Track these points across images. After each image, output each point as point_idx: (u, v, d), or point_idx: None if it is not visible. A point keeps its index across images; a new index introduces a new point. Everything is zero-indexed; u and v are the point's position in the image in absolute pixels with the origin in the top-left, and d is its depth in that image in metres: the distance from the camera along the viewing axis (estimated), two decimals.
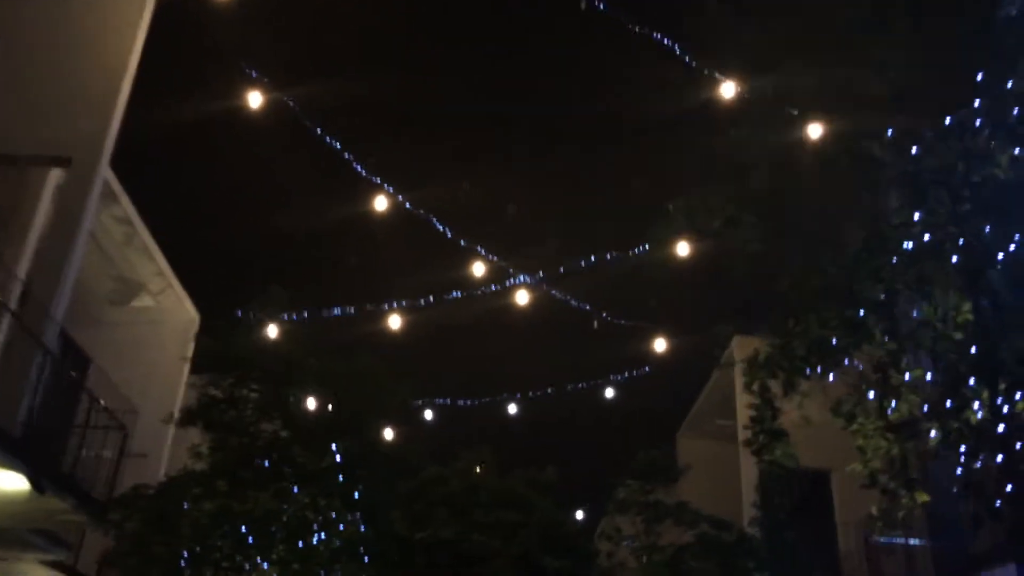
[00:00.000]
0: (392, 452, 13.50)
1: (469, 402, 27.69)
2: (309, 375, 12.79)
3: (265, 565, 11.58)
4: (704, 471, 23.98)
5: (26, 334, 13.11)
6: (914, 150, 7.14)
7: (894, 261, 7.21)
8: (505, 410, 27.86)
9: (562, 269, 22.27)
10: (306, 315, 20.31)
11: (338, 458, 12.81)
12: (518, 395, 27.79)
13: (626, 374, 26.70)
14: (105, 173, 15.50)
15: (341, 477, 12.65)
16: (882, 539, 17.16)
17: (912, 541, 16.39)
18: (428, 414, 27.52)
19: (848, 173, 7.44)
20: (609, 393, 26.87)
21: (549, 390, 27.31)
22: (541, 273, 22.29)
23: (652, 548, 15.43)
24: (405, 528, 21.42)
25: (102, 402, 13.78)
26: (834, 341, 8.28)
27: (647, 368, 26.36)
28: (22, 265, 15.15)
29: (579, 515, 24.46)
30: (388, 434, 18.94)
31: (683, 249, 15.52)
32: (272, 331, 13.67)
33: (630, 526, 16.25)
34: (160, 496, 11.93)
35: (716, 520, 16.06)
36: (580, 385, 27.07)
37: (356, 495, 12.74)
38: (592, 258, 21.67)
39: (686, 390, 29.18)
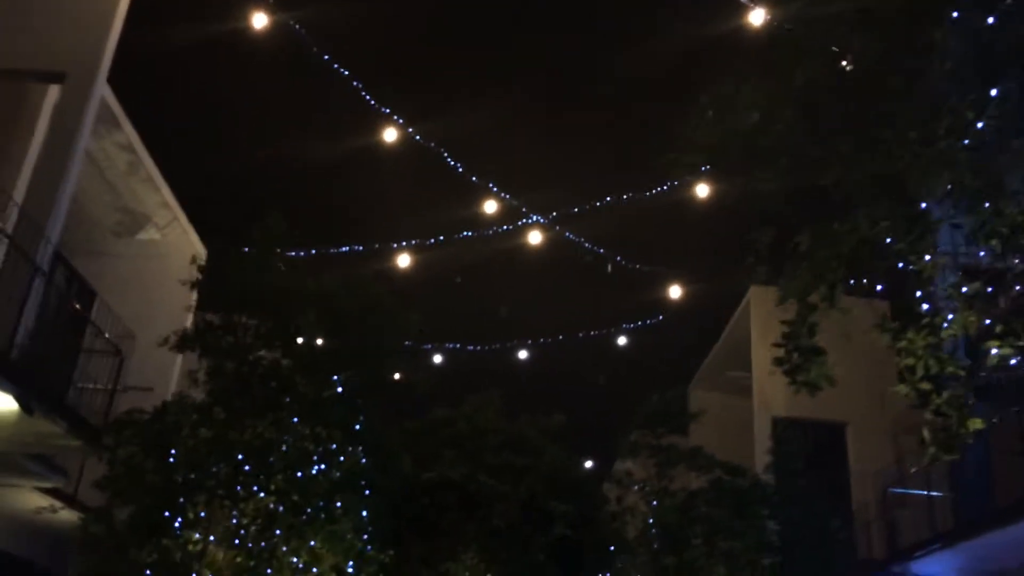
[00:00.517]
0: (398, 385, 12.89)
1: (479, 347, 27.11)
2: (311, 299, 12.17)
3: (262, 495, 11.09)
4: (715, 425, 23.37)
5: (20, 255, 12.55)
6: (989, 20, 6.31)
7: (962, 147, 6.40)
8: (515, 356, 27.26)
9: (576, 209, 21.48)
10: (313, 252, 19.70)
11: (340, 389, 12.24)
12: (528, 341, 27.14)
13: (639, 322, 26.03)
14: (103, 90, 14.79)
15: (343, 408, 12.08)
16: (900, 490, 16.59)
17: (932, 493, 15.82)
18: (437, 358, 27.00)
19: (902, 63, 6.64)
20: (621, 341, 26.16)
21: (560, 337, 26.68)
22: (554, 213, 21.54)
23: (664, 492, 14.88)
24: (411, 468, 21.03)
25: (99, 326, 13.27)
26: (888, 240, 7.51)
27: (660, 316, 25.65)
28: (18, 186, 14.60)
29: (587, 464, 24.01)
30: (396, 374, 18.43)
31: (702, 190, 14.77)
32: (275, 264, 13.06)
33: (641, 471, 15.70)
34: (155, 421, 11.43)
35: (730, 466, 15.51)
36: (592, 333, 26.42)
37: (358, 427, 12.20)
38: (608, 198, 20.82)
39: (699, 341, 28.50)
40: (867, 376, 23.26)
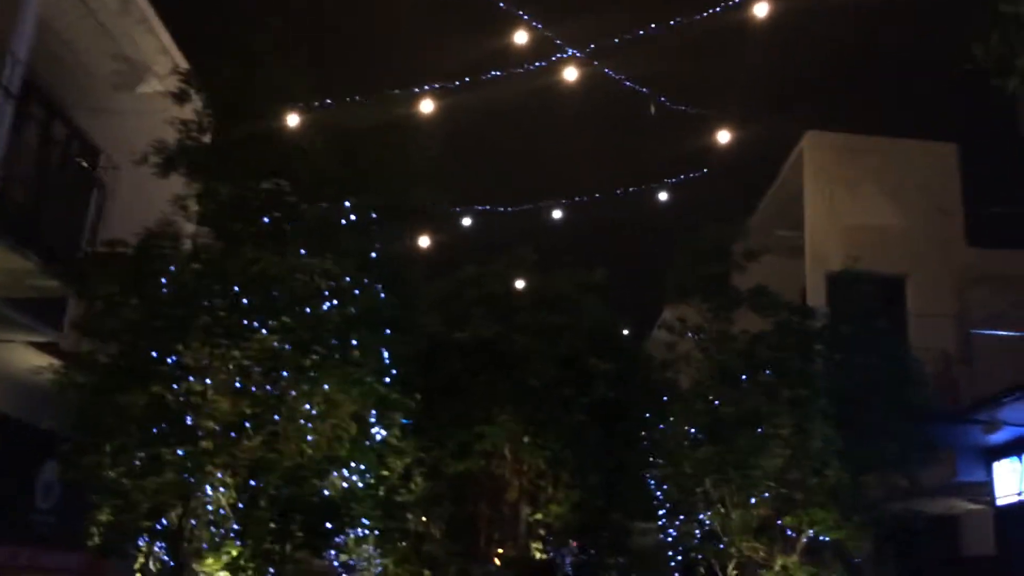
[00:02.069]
0: (416, 207, 10.89)
1: (509, 209, 24.83)
2: (316, 119, 10.10)
3: (264, 332, 9.31)
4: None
5: None
6: None
7: None
8: (549, 216, 24.85)
9: (616, 40, 18.85)
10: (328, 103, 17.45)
11: (353, 217, 10.27)
12: (563, 201, 24.66)
13: (681, 176, 23.59)
14: None
15: (355, 236, 10.14)
16: (985, 331, 14.58)
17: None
18: (466, 221, 24.73)
19: None
20: (663, 196, 23.75)
21: (597, 195, 24.39)
22: (591, 46, 18.94)
23: (723, 336, 12.97)
24: (441, 327, 19.39)
25: (76, 156, 11.37)
26: None
27: (705, 169, 23.17)
28: None
29: (627, 330, 22.04)
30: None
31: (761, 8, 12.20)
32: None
33: (695, 316, 13.74)
34: (139, 254, 9.58)
35: (798, 307, 13.49)
36: (631, 189, 24.03)
37: (374, 255, 10.28)
38: (652, 25, 18.18)
39: (745, 196, 26.15)
40: (927, 226, 20.91)
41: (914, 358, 13.53)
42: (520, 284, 19.32)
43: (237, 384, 9.39)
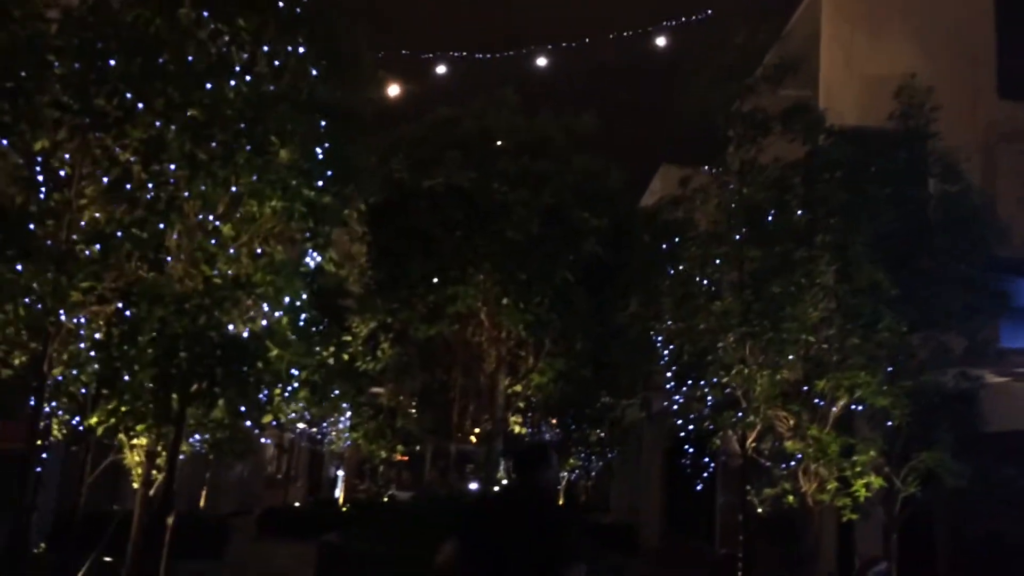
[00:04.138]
0: None
1: (490, 55, 21.42)
2: None
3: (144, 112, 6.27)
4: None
5: None
6: None
7: None
8: (534, 63, 21.37)
9: None
10: None
11: None
12: (549, 47, 21.12)
13: (682, 19, 20.19)
14: None
15: None
16: None
17: None
18: (440, 69, 21.21)
19: None
20: (660, 42, 20.30)
21: (587, 40, 20.98)
22: None
23: (750, 166, 10.07)
24: (407, 174, 16.43)
25: None
26: None
27: (709, 11, 19.79)
28: None
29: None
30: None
31: None
32: None
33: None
34: None
35: (843, 130, 10.64)
36: (625, 33, 20.64)
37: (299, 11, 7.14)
38: None
39: (751, 48, 22.84)
40: (954, 73, 17.93)
41: (977, 194, 10.78)
42: (500, 126, 16.26)
43: (104, 178, 6.47)
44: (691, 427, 11.02)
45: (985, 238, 10.31)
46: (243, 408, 6.66)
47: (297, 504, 22.76)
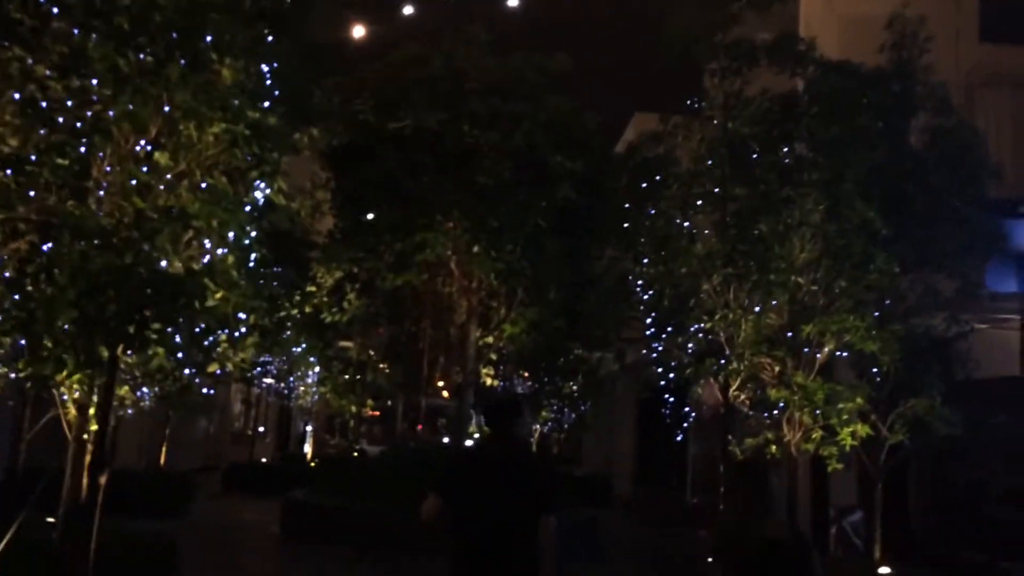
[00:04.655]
0: None
1: None
2: None
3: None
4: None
5: None
6: None
7: None
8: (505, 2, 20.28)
9: None
10: None
11: None
12: None
13: None
14: None
15: None
16: None
17: None
18: (407, 9, 20.03)
19: None
20: None
21: None
22: None
23: (735, 98, 9.25)
24: (372, 115, 15.49)
25: None
26: None
27: None
28: None
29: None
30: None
31: None
32: None
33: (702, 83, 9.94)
34: None
35: (834, 63, 9.82)
36: None
37: None
38: None
39: None
40: (936, 15, 17.28)
41: (969, 131, 10.16)
42: (470, 64, 15.32)
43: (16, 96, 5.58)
44: (671, 375, 10.43)
45: (979, 175, 9.74)
46: (181, 355, 5.89)
47: (264, 460, 22.10)
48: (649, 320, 10.75)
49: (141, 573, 7.90)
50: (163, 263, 5.59)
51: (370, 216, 15.02)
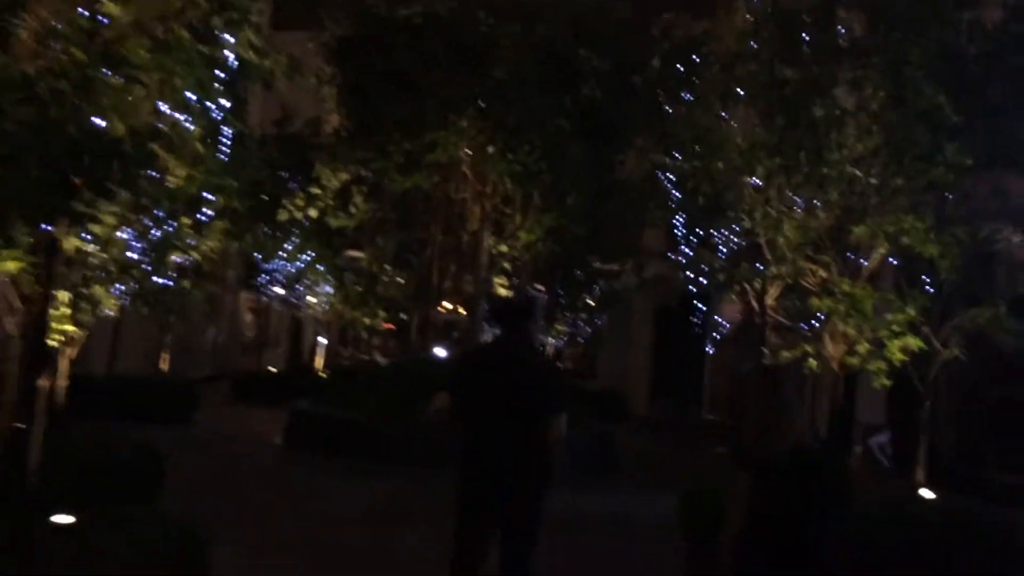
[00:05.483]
0: None
1: None
2: None
3: None
4: None
5: None
6: None
7: None
8: None
9: None
10: None
11: None
12: None
13: None
14: None
15: None
16: None
17: None
18: None
19: None
20: None
21: None
22: None
23: None
24: (382, 2, 14.03)
25: None
26: None
27: None
28: None
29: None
30: None
31: None
32: None
33: None
34: None
35: None
36: None
37: None
38: None
39: None
40: None
41: None
42: None
43: None
44: (703, 280, 9.31)
45: None
46: (126, 234, 4.83)
47: (273, 370, 21.41)
48: (679, 223, 9.57)
49: (121, 485, 7.09)
50: (102, 124, 4.46)
51: (378, 113, 13.74)
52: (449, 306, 22.17)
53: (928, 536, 4.99)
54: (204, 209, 5.67)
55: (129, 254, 5.92)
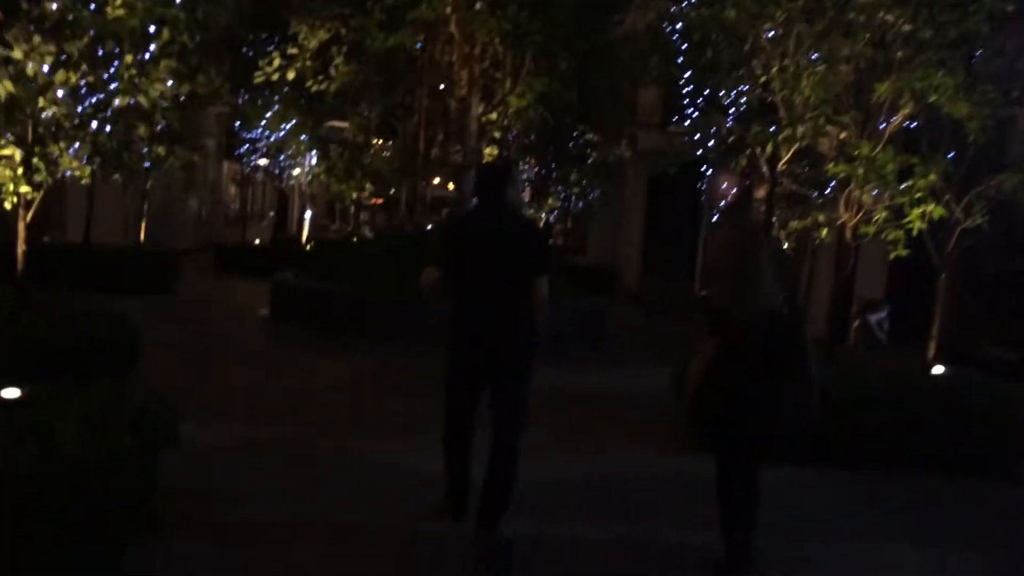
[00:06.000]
0: None
1: None
2: None
3: None
4: None
5: None
6: None
7: None
8: None
9: None
10: None
11: None
12: None
13: None
14: None
15: None
16: None
17: None
18: None
19: None
20: None
21: None
22: None
23: None
24: None
25: None
26: None
27: None
28: None
29: None
30: None
31: None
32: None
33: None
34: None
35: None
36: None
37: None
38: None
39: None
40: None
41: None
42: None
43: None
44: (710, 143, 8.53)
45: None
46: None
47: (257, 242, 20.73)
48: (683, 81, 8.69)
49: (97, 357, 6.57)
50: None
51: None
52: (438, 182, 21.29)
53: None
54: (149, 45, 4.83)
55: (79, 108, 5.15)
